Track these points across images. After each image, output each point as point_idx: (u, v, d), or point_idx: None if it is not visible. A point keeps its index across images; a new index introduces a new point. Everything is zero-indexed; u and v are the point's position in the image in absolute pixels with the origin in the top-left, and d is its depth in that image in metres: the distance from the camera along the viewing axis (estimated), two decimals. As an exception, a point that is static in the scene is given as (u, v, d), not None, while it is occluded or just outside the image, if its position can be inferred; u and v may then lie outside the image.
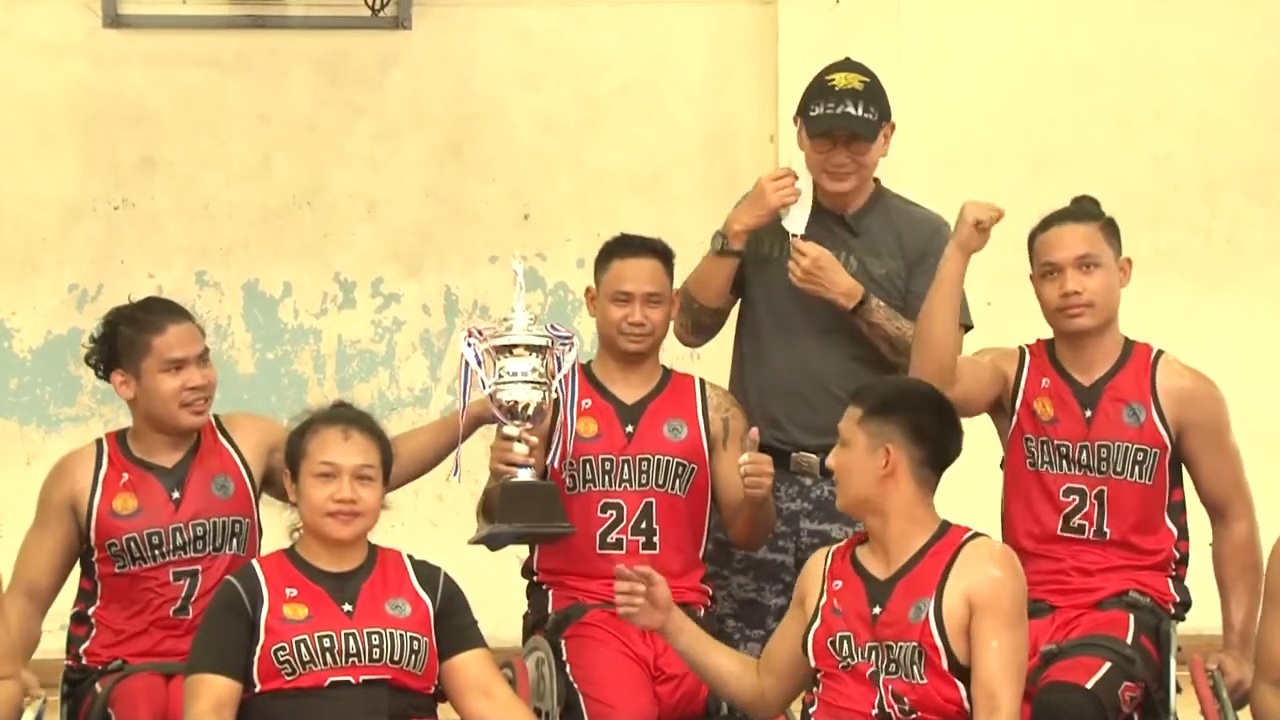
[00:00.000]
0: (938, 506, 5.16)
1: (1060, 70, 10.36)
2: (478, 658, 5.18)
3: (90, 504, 5.50)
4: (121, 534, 5.47)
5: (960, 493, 5.71)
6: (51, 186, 10.23)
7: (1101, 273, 5.55)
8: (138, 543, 5.47)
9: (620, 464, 5.69)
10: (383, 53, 10.40)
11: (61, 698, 5.48)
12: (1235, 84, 10.41)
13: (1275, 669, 5.10)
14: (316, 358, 10.42)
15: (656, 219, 6.24)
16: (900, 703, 4.90)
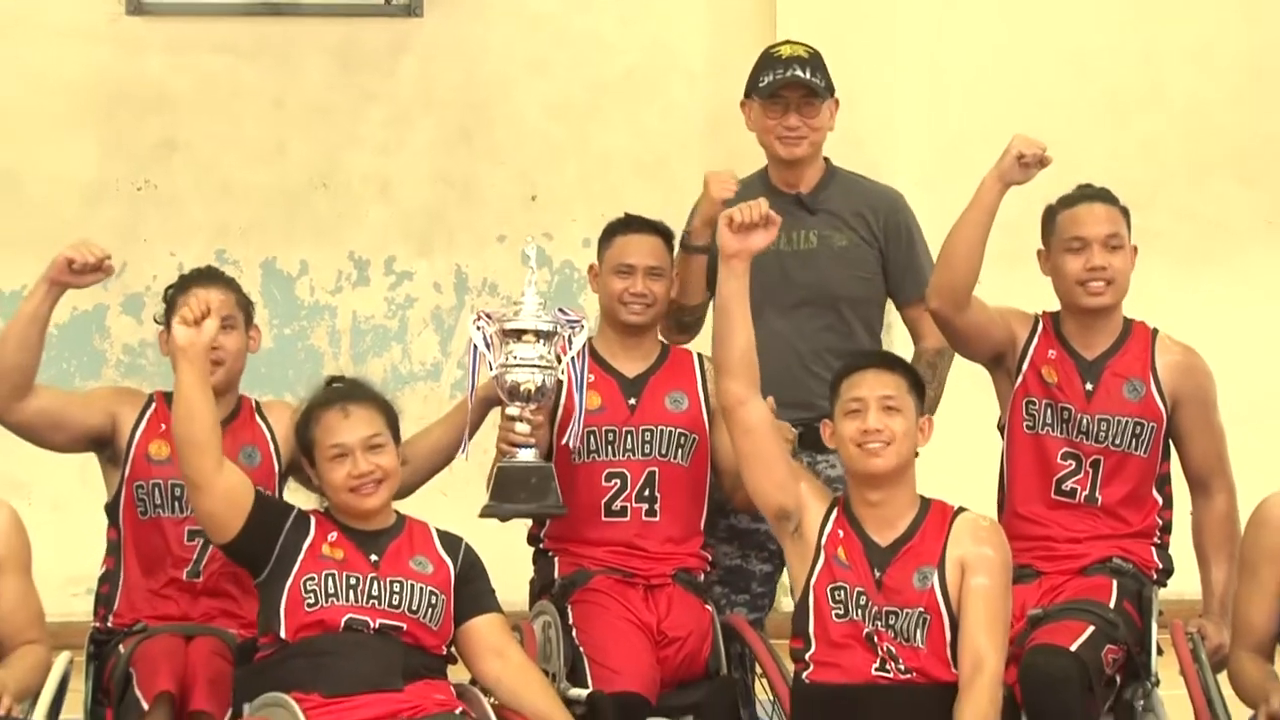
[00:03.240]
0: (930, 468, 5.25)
1: (1054, 55, 10.38)
2: (493, 621, 5.24)
3: (131, 439, 5.54)
4: (149, 478, 5.51)
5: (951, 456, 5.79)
6: (76, 168, 10.25)
7: (1123, 254, 5.55)
8: (162, 490, 5.51)
9: (624, 435, 5.72)
10: (395, 39, 10.42)
11: (87, 658, 5.50)
12: (1223, 71, 10.42)
13: (1250, 636, 5.12)
14: (332, 333, 10.45)
15: (659, 201, 6.24)
16: (896, 663, 4.94)
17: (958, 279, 5.52)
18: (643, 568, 5.62)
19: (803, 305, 5.98)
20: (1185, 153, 10.35)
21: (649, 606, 5.58)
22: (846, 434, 5.05)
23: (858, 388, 5.07)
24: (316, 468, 5.23)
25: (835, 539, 5.05)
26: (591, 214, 6.03)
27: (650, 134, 10.38)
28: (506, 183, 10.42)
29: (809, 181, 6.08)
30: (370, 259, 10.50)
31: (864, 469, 5.05)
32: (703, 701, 5.52)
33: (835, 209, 6.07)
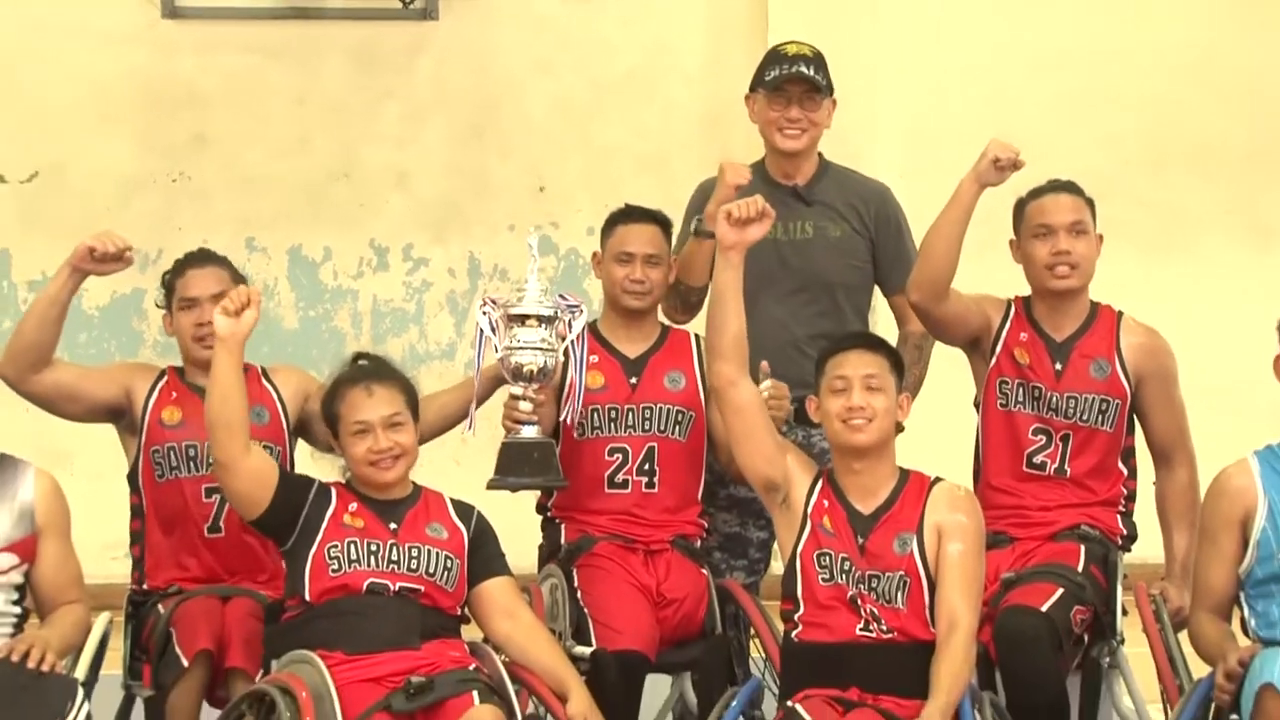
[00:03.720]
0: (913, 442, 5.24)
1: (1022, 56, 10.40)
2: (504, 584, 5.23)
3: (145, 408, 5.54)
4: (165, 442, 5.52)
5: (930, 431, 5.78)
6: (115, 161, 10.26)
7: (1086, 240, 5.56)
8: (177, 452, 5.52)
9: (625, 412, 5.70)
10: (411, 41, 10.43)
11: (126, 618, 5.51)
12: (1180, 71, 10.44)
13: (1209, 598, 5.10)
14: (354, 315, 10.47)
15: (658, 193, 6.23)
16: (879, 623, 4.93)
17: (937, 274, 5.53)
18: (643, 534, 5.62)
19: (798, 291, 5.97)
20: (1146, 147, 10.36)
21: (649, 570, 5.57)
22: (832, 410, 5.04)
23: (842, 367, 5.06)
24: (339, 440, 5.22)
25: (821, 508, 5.04)
26: (595, 204, 6.02)
27: (650, 130, 10.39)
28: (516, 175, 10.43)
29: (805, 174, 6.07)
30: (389, 246, 10.51)
31: (847, 443, 5.03)
32: (699, 659, 5.53)
33: (829, 201, 6.06)
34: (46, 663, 4.83)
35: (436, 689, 4.87)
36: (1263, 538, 5.02)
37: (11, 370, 5.29)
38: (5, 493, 5.04)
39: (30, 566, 5.05)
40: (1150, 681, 5.43)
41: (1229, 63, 10.45)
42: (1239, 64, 10.46)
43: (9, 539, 5.01)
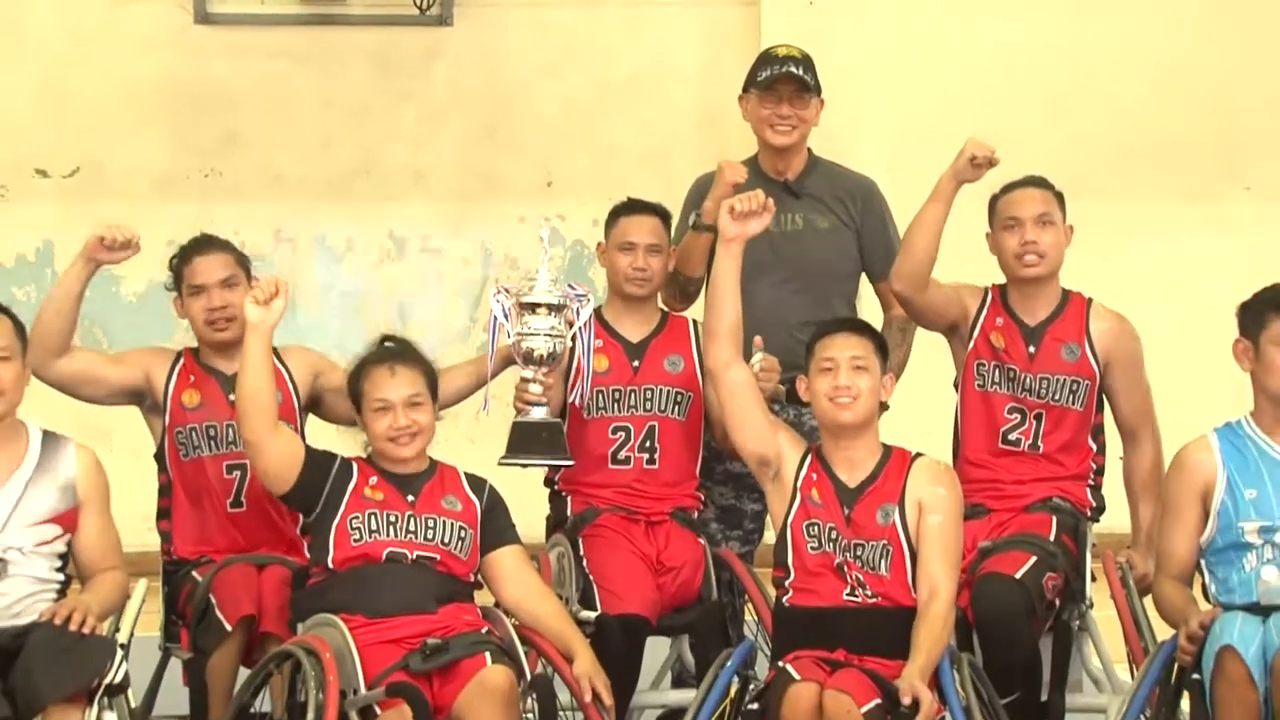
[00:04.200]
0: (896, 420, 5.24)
1: (998, 61, 10.39)
2: (514, 552, 5.23)
3: (166, 391, 5.53)
4: (186, 423, 5.51)
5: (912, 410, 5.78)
6: (151, 159, 10.26)
7: (1053, 230, 5.56)
8: (198, 432, 5.51)
9: (628, 393, 5.70)
10: (428, 46, 10.42)
11: (162, 584, 5.51)
12: (1144, 71, 10.44)
13: (1172, 565, 5.11)
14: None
15: (659, 188, 6.21)
16: (864, 589, 4.93)
17: (918, 265, 5.53)
18: (644, 507, 5.62)
19: (789, 279, 5.96)
20: (1113, 144, 10.34)
21: (650, 540, 5.57)
22: (820, 389, 5.03)
23: (830, 349, 5.05)
24: (362, 415, 5.22)
25: (809, 481, 5.04)
26: (599, 198, 6.00)
27: (650, 129, 10.38)
28: (526, 171, 10.42)
29: (795, 169, 6.06)
30: (407, 237, 10.51)
31: (834, 420, 5.03)
32: (696, 622, 5.53)
33: (818, 194, 6.06)
34: (88, 625, 4.82)
35: (451, 650, 4.87)
36: (1222, 509, 5.03)
37: (35, 357, 5.25)
38: (49, 468, 5.04)
39: (72, 536, 5.05)
40: (1117, 643, 5.44)
41: (1190, 67, 10.45)
42: (1200, 68, 10.46)
43: (52, 511, 5.01)
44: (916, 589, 4.91)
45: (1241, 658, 4.70)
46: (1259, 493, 5.02)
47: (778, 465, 5.09)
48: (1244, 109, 10.50)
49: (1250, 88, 10.49)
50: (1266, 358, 5.05)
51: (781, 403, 5.67)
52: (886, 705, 4.65)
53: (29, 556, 4.96)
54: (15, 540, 4.95)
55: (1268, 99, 10.49)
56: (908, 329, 5.99)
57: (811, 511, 5.00)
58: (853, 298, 6.11)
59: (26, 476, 5.01)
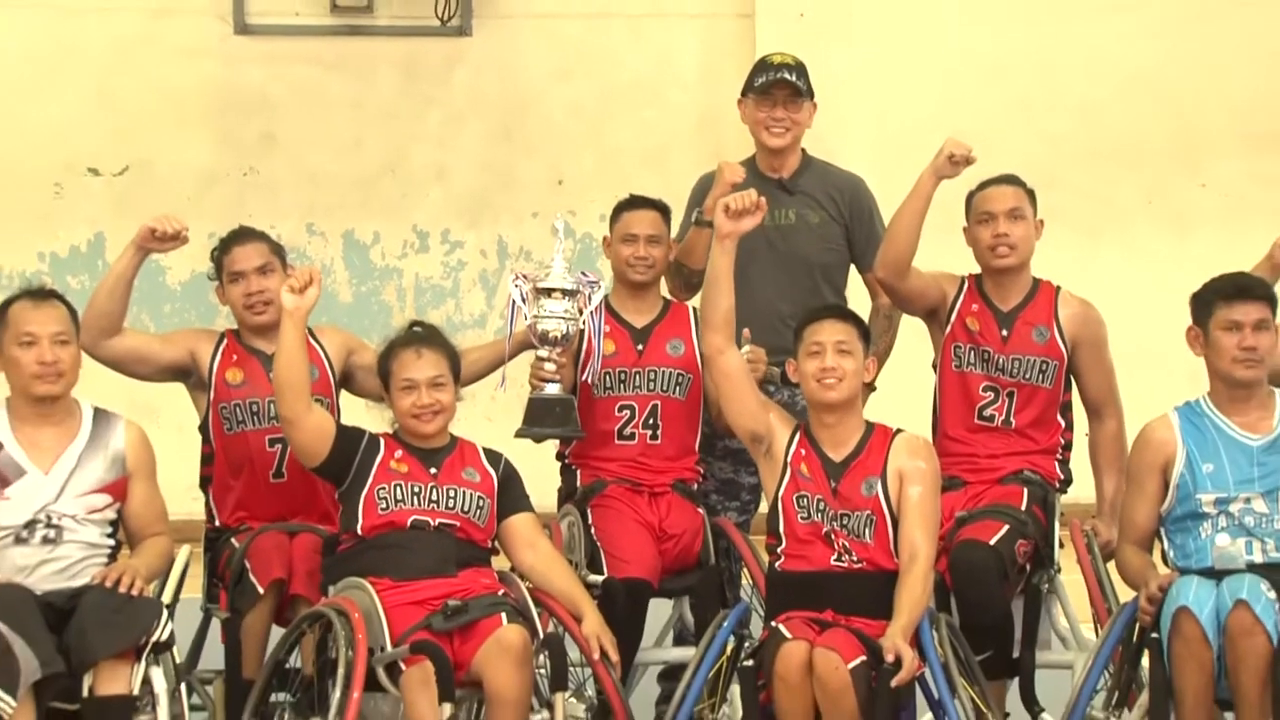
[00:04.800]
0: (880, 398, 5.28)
1: (974, 68, 10.40)
2: (527, 519, 5.22)
3: (211, 369, 5.51)
4: (231, 399, 5.49)
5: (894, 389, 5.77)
6: (194, 158, 10.27)
7: (1024, 224, 5.54)
8: (242, 409, 5.49)
9: (633, 375, 5.68)
10: (449, 55, 10.43)
11: (204, 550, 5.50)
12: (1110, 79, 10.45)
13: (1134, 532, 5.10)
14: (399, 290, 10.49)
15: (660, 185, 6.21)
16: (850, 555, 4.92)
17: (900, 254, 5.51)
18: (648, 479, 5.60)
19: (782, 271, 5.93)
20: (1081, 146, 10.35)
21: (653, 510, 5.56)
22: (808, 371, 5.02)
23: (817, 333, 5.04)
24: (389, 393, 5.21)
25: (799, 457, 5.03)
26: (606, 195, 6.01)
27: (652, 131, 10.38)
28: (538, 170, 10.43)
29: (789, 168, 6.04)
30: (429, 231, 10.52)
31: (821, 399, 5.02)
32: (695, 585, 5.52)
33: (810, 191, 6.04)
34: (136, 588, 4.82)
35: (470, 611, 4.86)
36: (1181, 481, 5.03)
37: (86, 338, 5.24)
38: (100, 442, 5.04)
39: (121, 505, 5.05)
40: (1083, 605, 5.43)
41: (1150, 75, 10.47)
42: (1159, 76, 10.48)
43: (103, 481, 5.01)
44: (898, 555, 4.89)
45: (1196, 618, 4.69)
46: (1215, 466, 5.01)
47: (769, 441, 5.08)
48: (1199, 113, 10.53)
49: (1205, 94, 10.52)
50: (1215, 342, 5.04)
51: (776, 384, 5.66)
52: (871, 662, 4.64)
53: (82, 524, 4.96)
54: (69, 509, 4.95)
55: (1221, 104, 10.52)
56: (894, 316, 5.97)
57: (801, 484, 4.99)
58: (841, 287, 6.09)
59: (79, 450, 5.01)
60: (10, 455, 4.95)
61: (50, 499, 4.94)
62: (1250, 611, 4.66)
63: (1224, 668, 4.70)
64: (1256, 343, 4.99)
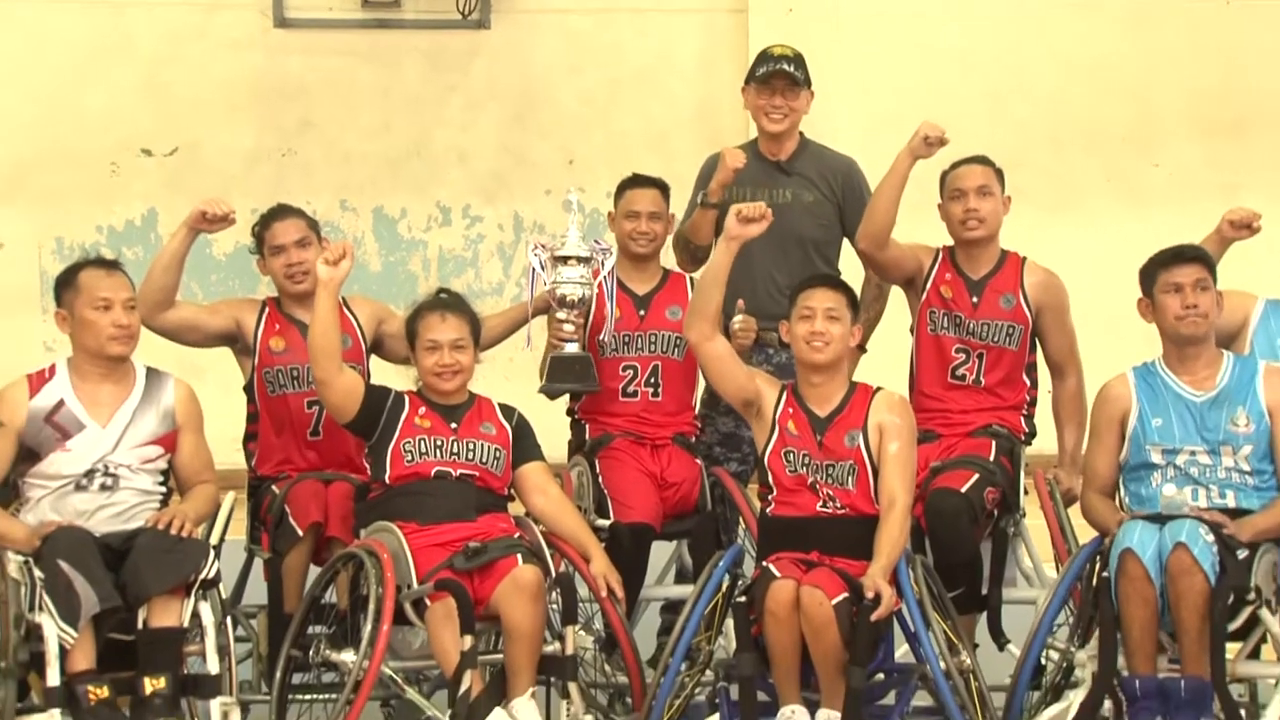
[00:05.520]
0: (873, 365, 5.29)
1: (949, 63, 10.35)
2: (539, 468, 5.22)
3: (255, 337, 5.49)
4: (273, 365, 5.48)
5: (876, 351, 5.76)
6: (238, 140, 10.23)
7: (992, 200, 5.52)
8: (283, 373, 5.47)
9: (635, 338, 5.67)
10: (469, 46, 10.37)
11: (247, 496, 5.50)
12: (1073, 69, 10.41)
13: (1097, 481, 5.09)
14: (424, 261, 10.46)
15: (661, 165, 6.18)
16: (834, 502, 4.91)
17: (879, 227, 5.49)
18: (650, 432, 5.60)
19: (779, 245, 5.88)
20: (1046, 130, 10.31)
21: (655, 460, 5.56)
22: (799, 333, 5.01)
23: (809, 299, 5.02)
24: (414, 352, 5.19)
25: (786, 415, 5.01)
26: (612, 174, 5.98)
27: (655, 116, 10.33)
28: (551, 151, 10.39)
29: (787, 151, 6.01)
30: (452, 207, 10.48)
31: (810, 360, 5.00)
32: (694, 529, 5.53)
33: (806, 173, 6.01)
34: (186, 530, 4.83)
35: (489, 552, 4.87)
36: (1134, 434, 5.03)
37: (143, 310, 5.24)
38: (153, 399, 5.04)
39: (172, 455, 5.06)
40: (1045, 546, 5.43)
41: (1106, 66, 10.44)
42: (1118, 65, 10.44)
43: (155, 434, 5.01)
44: (878, 501, 4.89)
45: (1140, 559, 4.70)
46: (1164, 421, 5.01)
47: (759, 404, 5.06)
48: (1153, 101, 10.50)
49: (1158, 84, 10.49)
50: (1160, 305, 5.04)
51: (775, 347, 5.66)
52: (853, 598, 4.64)
53: (136, 472, 4.97)
54: (124, 459, 4.95)
55: (1173, 92, 10.49)
56: (884, 287, 5.94)
57: (788, 441, 4.98)
58: (834, 260, 6.04)
59: (134, 406, 5.01)
60: (71, 411, 4.95)
61: (107, 450, 4.94)
62: (1189, 553, 4.66)
63: (1166, 603, 4.70)
64: (1197, 300, 4.98)
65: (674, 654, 4.77)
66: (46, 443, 4.92)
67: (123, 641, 4.72)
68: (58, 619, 4.57)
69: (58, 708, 4.57)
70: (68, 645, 4.58)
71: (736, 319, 5.44)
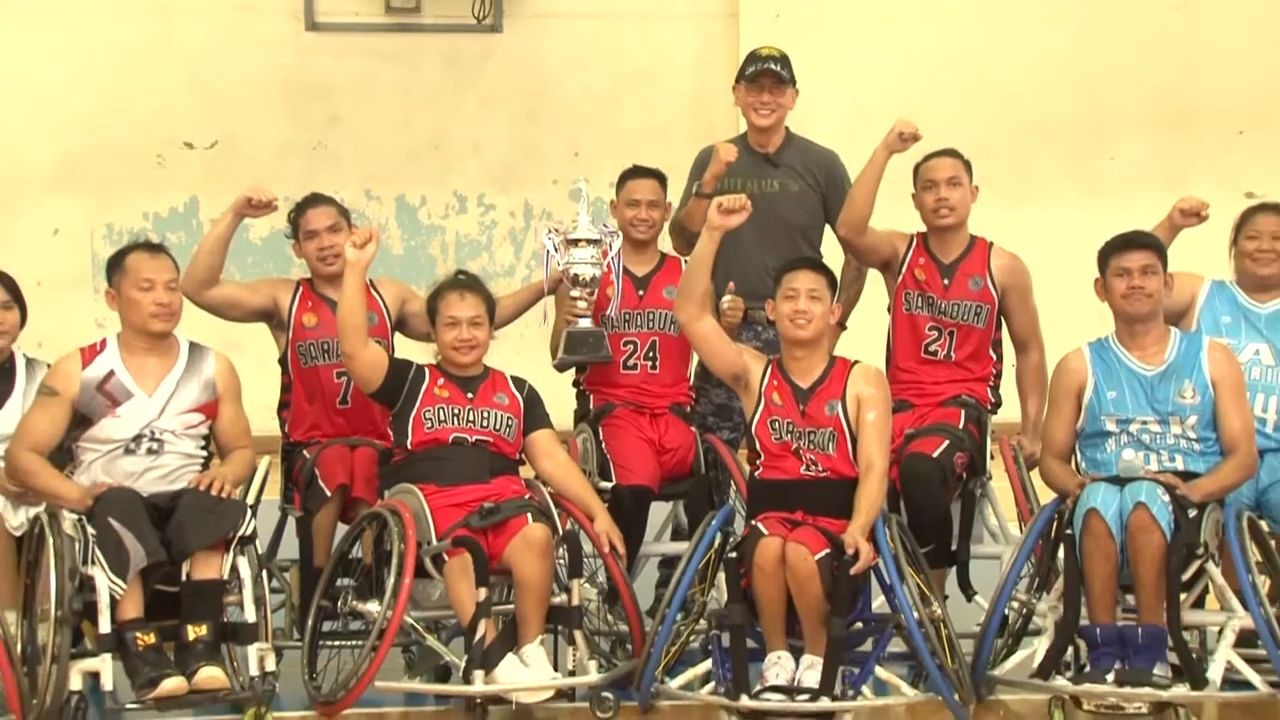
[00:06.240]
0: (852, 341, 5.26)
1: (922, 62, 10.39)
2: (547, 434, 5.20)
3: (289, 313, 5.46)
4: (306, 339, 5.45)
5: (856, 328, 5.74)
6: (273, 134, 10.23)
7: (961, 190, 5.48)
8: (315, 347, 5.45)
9: (635, 316, 5.63)
10: (484, 48, 10.38)
11: (281, 460, 5.48)
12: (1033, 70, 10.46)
13: (1055, 447, 5.07)
14: (442, 245, 10.47)
15: (660, 157, 6.15)
16: (816, 466, 4.89)
17: (857, 217, 5.46)
18: (649, 402, 5.57)
19: (768, 231, 5.84)
20: (1010, 125, 10.32)
21: (653, 428, 5.53)
22: (783, 311, 4.98)
23: (793, 280, 4.99)
24: (435, 327, 5.17)
25: (771, 387, 4.98)
26: (615, 165, 5.96)
27: (654, 112, 10.34)
28: (558, 144, 10.39)
29: (774, 144, 5.97)
30: (467, 195, 10.49)
31: (793, 336, 4.98)
32: (689, 491, 5.51)
33: (792, 164, 5.97)
34: (225, 491, 4.81)
35: (502, 511, 4.85)
36: (1090, 404, 5.01)
37: (190, 287, 5.23)
38: (195, 370, 5.02)
39: (213, 422, 5.02)
40: (1009, 506, 5.41)
41: (1069, 65, 10.47)
42: (1076, 66, 10.48)
43: (197, 403, 4.99)
44: (857, 465, 4.86)
45: (1103, 517, 4.68)
46: (1117, 393, 4.99)
47: (746, 378, 5.03)
48: (1109, 99, 10.53)
49: (1112, 82, 10.52)
50: (1111, 286, 5.02)
51: (763, 324, 5.63)
52: (834, 554, 4.62)
53: (180, 438, 4.94)
54: (169, 425, 4.93)
55: (1127, 91, 10.53)
56: (863, 269, 5.91)
57: (773, 410, 4.95)
58: (817, 244, 5.99)
59: (178, 377, 4.99)
60: (121, 381, 4.93)
61: (153, 417, 4.91)
62: (1148, 511, 4.65)
63: (1126, 558, 4.69)
64: (1144, 283, 4.96)
65: (671, 605, 4.76)
66: (98, 410, 4.89)
67: (168, 592, 4.70)
68: (109, 571, 4.56)
69: (109, 652, 4.55)
70: (118, 596, 4.57)
71: (725, 299, 5.42)
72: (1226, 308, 5.26)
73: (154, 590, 4.67)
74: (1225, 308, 5.26)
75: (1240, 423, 4.92)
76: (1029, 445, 5.47)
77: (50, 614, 4.50)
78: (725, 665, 4.65)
